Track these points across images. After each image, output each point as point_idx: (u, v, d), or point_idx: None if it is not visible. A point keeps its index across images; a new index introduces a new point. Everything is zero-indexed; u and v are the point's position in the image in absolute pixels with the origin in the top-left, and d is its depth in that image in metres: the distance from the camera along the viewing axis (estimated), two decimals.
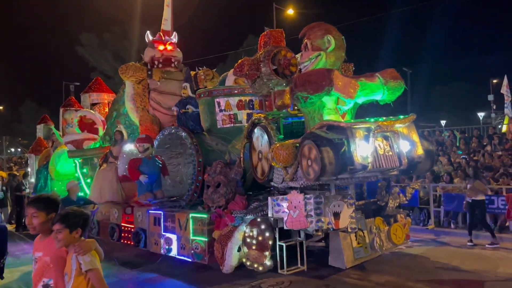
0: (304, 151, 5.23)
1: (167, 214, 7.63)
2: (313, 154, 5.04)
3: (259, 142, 6.69)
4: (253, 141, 6.92)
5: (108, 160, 9.20)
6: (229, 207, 7.03)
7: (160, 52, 9.74)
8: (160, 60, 9.70)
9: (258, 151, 6.72)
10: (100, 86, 13.12)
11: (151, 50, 9.80)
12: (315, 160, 5.01)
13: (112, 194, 8.78)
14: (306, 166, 5.23)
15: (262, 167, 6.62)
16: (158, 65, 9.69)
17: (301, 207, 6.03)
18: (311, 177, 5.14)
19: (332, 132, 5.04)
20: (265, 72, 6.43)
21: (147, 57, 9.80)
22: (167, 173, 8.03)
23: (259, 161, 6.72)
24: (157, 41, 9.86)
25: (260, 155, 6.66)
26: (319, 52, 5.75)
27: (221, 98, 8.56)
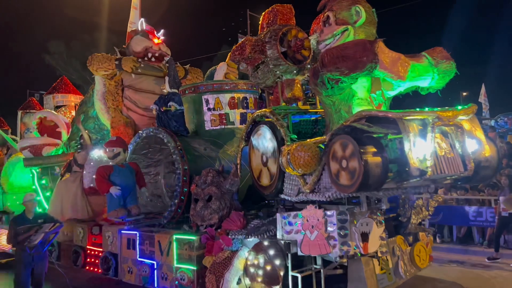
0: (337, 152, 3.82)
1: (144, 235, 6.05)
2: (351, 155, 3.63)
3: (263, 144, 5.24)
4: (253, 144, 5.45)
5: (72, 169, 7.54)
6: (223, 226, 5.54)
7: (156, 45, 8.22)
8: (155, 54, 8.20)
9: (262, 155, 5.26)
10: (66, 87, 11.44)
11: (145, 40, 8.27)
12: (354, 164, 3.60)
13: (76, 209, 7.12)
14: (339, 172, 3.81)
15: (268, 175, 5.16)
16: (151, 59, 8.17)
17: (321, 226, 4.62)
18: (348, 187, 3.72)
19: (377, 125, 3.64)
20: (272, 55, 5.03)
21: (138, 46, 8.23)
22: (144, 184, 6.46)
23: (262, 167, 5.26)
24: (152, 33, 8.35)
25: (265, 160, 5.19)
26: (346, 26, 4.38)
27: (209, 95, 7.11)
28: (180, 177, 6.21)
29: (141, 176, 6.43)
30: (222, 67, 7.62)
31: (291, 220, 4.85)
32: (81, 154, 7.56)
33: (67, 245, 7.28)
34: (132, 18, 10.74)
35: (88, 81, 26.36)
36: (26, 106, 11.21)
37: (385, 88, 4.28)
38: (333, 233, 4.59)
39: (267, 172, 5.23)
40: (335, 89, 4.14)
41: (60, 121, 8.73)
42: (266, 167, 5.24)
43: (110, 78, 8.23)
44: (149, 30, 8.42)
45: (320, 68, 4.07)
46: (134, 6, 10.81)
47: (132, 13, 10.60)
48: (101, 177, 6.34)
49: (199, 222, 5.73)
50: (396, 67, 3.83)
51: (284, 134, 4.77)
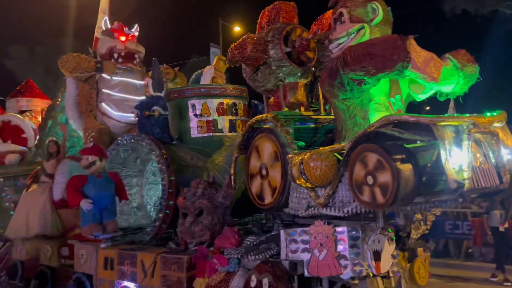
0: (362, 163, 3.35)
1: (125, 253, 5.36)
2: (381, 167, 3.18)
3: (263, 153, 4.72)
4: (251, 152, 4.93)
5: (40, 180, 6.72)
6: (216, 244, 4.95)
7: (122, 43, 7.49)
8: (121, 54, 7.47)
9: (261, 165, 4.74)
10: (32, 90, 10.53)
11: (109, 39, 7.55)
12: (385, 177, 3.15)
13: (44, 224, 6.32)
14: (364, 186, 3.34)
15: (268, 187, 4.64)
16: (118, 59, 7.45)
17: (331, 244, 4.14)
18: (376, 203, 3.26)
19: (408, 132, 3.21)
20: (275, 56, 4.57)
21: (103, 48, 7.53)
22: (125, 197, 5.78)
23: (262, 179, 4.73)
24: (118, 30, 7.63)
25: (264, 171, 4.67)
26: (361, 24, 3.96)
27: (196, 99, 6.53)
28: (166, 188, 5.59)
29: (122, 188, 5.74)
30: (209, 71, 7.10)
31: (297, 238, 4.34)
32: (51, 162, 6.77)
33: (32, 265, 6.44)
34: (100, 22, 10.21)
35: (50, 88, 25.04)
36: None
37: (414, 91, 3.88)
38: (344, 252, 4.11)
39: (267, 184, 4.70)
40: (355, 91, 3.69)
41: (26, 126, 7.89)
42: (266, 179, 4.72)
43: (84, 81, 7.49)
44: (116, 27, 7.73)
45: (341, 67, 3.62)
46: (102, 10, 10.28)
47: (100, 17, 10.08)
48: (72, 188, 5.62)
49: (189, 239, 5.12)
50: (429, 68, 3.44)
51: (290, 141, 4.28)
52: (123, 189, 5.74)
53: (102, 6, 10.59)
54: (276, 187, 4.52)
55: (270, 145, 4.62)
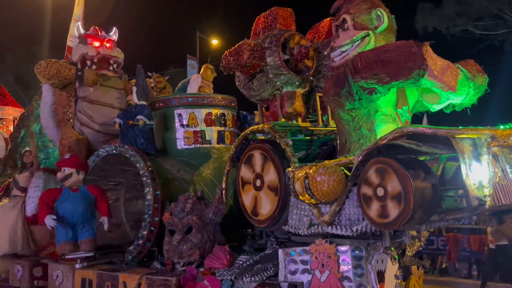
0: (373, 178, 3.05)
1: (105, 274, 4.87)
2: (394, 182, 2.88)
3: (257, 166, 4.37)
4: (243, 166, 4.57)
5: (11, 193, 6.12)
6: (206, 264, 4.55)
7: (95, 49, 6.97)
8: (94, 60, 6.93)
9: (255, 179, 4.38)
10: (4, 98, 9.85)
11: (82, 46, 7.02)
12: (399, 193, 2.85)
13: (15, 242, 5.75)
14: (375, 203, 3.03)
15: (263, 203, 4.28)
16: (91, 66, 6.94)
17: (333, 265, 3.84)
18: (389, 221, 2.95)
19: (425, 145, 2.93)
20: (273, 63, 4.27)
21: (76, 55, 7.01)
22: (106, 213, 5.23)
23: (256, 194, 4.37)
24: (92, 35, 7.11)
25: (258, 185, 4.32)
26: (367, 31, 3.71)
27: (183, 109, 6.16)
28: (151, 203, 5.15)
29: (104, 204, 5.21)
30: (196, 80, 6.73)
31: (296, 257, 4.00)
32: (24, 175, 6.21)
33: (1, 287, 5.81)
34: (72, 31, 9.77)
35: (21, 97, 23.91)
36: None
37: (428, 101, 3.64)
38: (347, 273, 3.80)
39: (261, 200, 4.35)
40: (363, 101, 3.42)
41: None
42: (261, 192, 4.36)
43: (61, 88, 6.96)
44: (91, 32, 7.22)
45: (350, 74, 3.33)
46: (76, 19, 9.82)
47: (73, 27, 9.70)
48: (42, 203, 5.14)
49: (176, 258, 4.69)
50: (446, 76, 3.21)
51: (290, 154, 3.95)
52: (105, 205, 5.22)
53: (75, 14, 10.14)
54: (273, 203, 4.17)
55: (265, 157, 4.28)
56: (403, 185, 2.89)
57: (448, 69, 3.31)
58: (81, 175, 5.33)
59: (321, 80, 4.63)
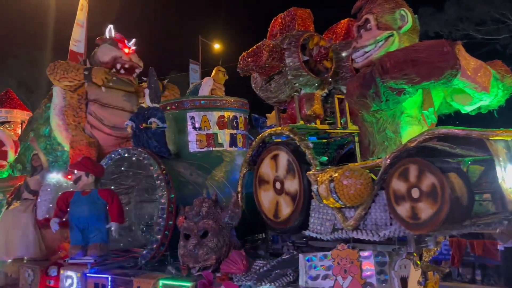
0: (405, 181, 2.92)
1: (119, 279, 4.73)
2: (430, 184, 2.75)
3: (276, 169, 4.24)
4: (260, 169, 4.44)
5: (22, 197, 5.99)
6: (223, 269, 4.40)
7: (126, 55, 6.90)
8: (125, 65, 6.89)
9: (274, 183, 4.25)
10: (11, 101, 9.73)
11: (113, 49, 6.94)
12: (433, 196, 2.72)
13: (27, 246, 5.60)
14: (406, 206, 2.90)
15: (283, 206, 4.15)
16: (120, 70, 6.86)
17: (356, 270, 3.69)
18: (423, 225, 2.82)
19: (458, 147, 2.80)
20: (292, 64, 4.15)
21: (105, 55, 6.90)
22: (117, 219, 5.05)
23: (276, 197, 4.24)
24: (122, 42, 7.05)
25: (279, 188, 4.18)
26: (391, 31, 3.59)
27: (195, 112, 6.03)
28: (165, 207, 5.01)
29: (113, 208, 5.03)
30: (207, 82, 6.61)
31: (317, 263, 3.85)
32: (34, 178, 6.07)
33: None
34: (76, 35, 9.76)
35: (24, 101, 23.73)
36: None
37: (459, 102, 3.52)
38: (371, 279, 3.66)
39: (280, 204, 4.21)
40: (390, 102, 3.30)
41: (7, 138, 7.13)
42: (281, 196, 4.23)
43: (73, 90, 6.85)
44: (119, 38, 7.16)
45: (379, 75, 3.21)
46: (79, 23, 9.88)
47: (76, 30, 9.74)
48: (56, 205, 5.12)
49: (192, 263, 4.55)
50: (479, 77, 3.09)
51: (311, 157, 3.82)
52: (115, 210, 5.04)
53: (78, 19, 10.10)
54: (292, 207, 4.03)
55: (284, 160, 4.15)
56: (440, 187, 2.76)
57: (481, 69, 3.19)
58: (91, 178, 5.19)
59: (339, 82, 4.51)
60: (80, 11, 10.51)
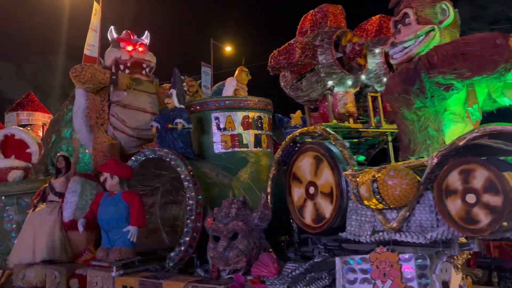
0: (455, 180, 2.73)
1: (147, 282, 4.60)
2: (488, 185, 2.58)
3: (310, 170, 4.08)
4: (293, 170, 4.29)
5: (47, 199, 5.91)
6: (254, 272, 4.26)
7: (128, 53, 6.75)
8: (127, 64, 6.73)
9: (307, 183, 4.10)
10: (33, 104, 9.73)
11: (115, 50, 6.82)
12: (492, 198, 2.55)
13: (53, 249, 5.51)
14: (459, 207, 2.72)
15: (316, 208, 3.99)
16: (124, 70, 6.73)
17: (396, 274, 3.52)
18: (478, 226, 2.64)
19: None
20: (325, 62, 4.00)
21: (109, 59, 6.82)
22: (136, 222, 4.82)
23: (308, 198, 4.08)
24: (125, 39, 6.90)
25: (312, 189, 4.02)
26: (431, 26, 3.41)
27: (220, 112, 5.91)
28: (193, 208, 4.88)
29: (133, 212, 4.83)
30: (231, 83, 6.47)
31: (355, 266, 3.69)
32: (59, 180, 5.98)
33: None
34: (90, 40, 9.81)
35: None
36: None
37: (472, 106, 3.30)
38: (411, 283, 3.48)
39: (315, 205, 4.06)
40: (435, 99, 3.13)
41: (31, 140, 7.06)
42: (314, 199, 4.07)
43: (96, 93, 6.76)
44: (123, 36, 7.01)
45: (425, 70, 3.04)
46: (93, 28, 9.96)
47: (90, 35, 9.78)
48: (90, 206, 5.07)
49: (222, 265, 4.42)
50: None
51: (348, 156, 3.66)
52: (135, 213, 4.83)
53: (93, 24, 10.12)
54: (328, 209, 3.87)
55: (318, 161, 3.99)
56: (498, 189, 2.58)
57: None
58: (115, 179, 5.06)
59: (372, 79, 4.34)
60: (94, 16, 10.51)
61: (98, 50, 10.47)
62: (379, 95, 4.34)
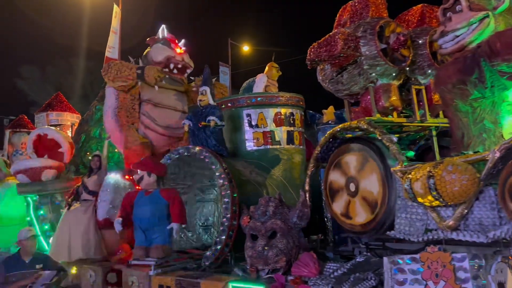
0: None
1: (184, 281, 4.50)
2: None
3: (352, 167, 3.90)
4: (332, 167, 4.11)
5: (81, 197, 5.87)
6: (294, 272, 4.09)
7: (179, 55, 6.69)
8: (178, 65, 6.66)
9: (348, 180, 3.92)
10: (62, 104, 9.76)
11: (166, 49, 6.68)
12: None
13: (88, 247, 5.48)
14: None
15: (358, 207, 3.80)
16: (173, 70, 6.66)
17: (449, 275, 3.33)
18: None
19: None
20: (368, 53, 3.81)
21: (159, 55, 6.63)
22: (178, 219, 4.79)
23: (351, 196, 3.90)
24: (175, 41, 6.84)
25: (353, 186, 3.84)
26: (485, 12, 3.19)
27: (251, 109, 5.76)
28: (229, 206, 4.76)
29: (175, 209, 4.79)
30: (261, 79, 6.33)
31: (404, 266, 3.49)
32: (92, 179, 5.95)
33: None
34: (111, 42, 9.85)
35: None
36: (16, 124, 9.37)
37: None
38: (466, 284, 3.28)
39: (357, 203, 3.87)
40: (495, 89, 2.91)
41: (63, 140, 7.05)
42: (356, 197, 3.89)
43: (127, 91, 6.70)
44: (171, 38, 6.95)
45: (487, 58, 2.83)
46: (114, 31, 9.97)
47: (111, 38, 9.84)
48: (121, 205, 4.98)
49: (261, 265, 4.26)
50: None
51: (396, 152, 3.46)
52: (177, 211, 4.79)
53: (113, 26, 10.20)
54: (373, 207, 3.68)
55: (361, 156, 3.81)
56: None
57: None
58: (152, 177, 4.99)
59: (416, 71, 4.13)
60: (114, 18, 10.56)
61: (118, 52, 10.57)
62: (423, 88, 4.13)
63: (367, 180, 3.77)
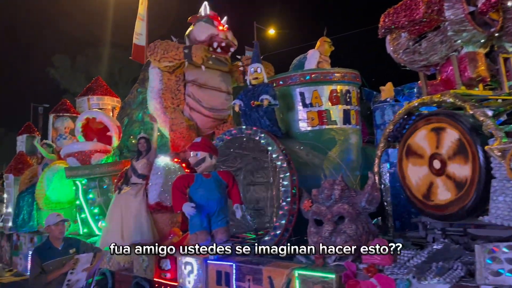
0: None
1: (245, 267, 4.21)
2: None
3: (437, 145, 3.47)
4: (413, 140, 3.69)
5: (130, 181, 5.67)
6: (365, 260, 3.73)
7: (223, 33, 6.29)
8: (222, 44, 6.27)
9: (432, 159, 3.49)
10: (102, 88, 9.64)
11: (210, 27, 6.28)
12: None
13: (141, 231, 5.29)
14: None
15: (441, 189, 3.38)
16: (217, 49, 6.28)
17: None
18: None
19: None
20: (453, 17, 3.32)
21: (202, 34, 6.26)
22: (238, 200, 4.53)
23: (432, 176, 3.48)
24: (216, 17, 6.43)
25: (439, 167, 3.41)
26: None
27: (305, 87, 5.35)
28: (289, 189, 4.43)
29: (235, 190, 4.54)
30: (313, 55, 5.90)
31: (499, 255, 3.07)
32: (142, 162, 5.72)
33: (125, 277, 5.41)
34: (138, 29, 9.76)
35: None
36: (59, 109, 9.33)
37: None
38: None
39: (438, 186, 3.45)
40: None
41: (112, 124, 6.88)
42: (438, 178, 3.47)
43: (171, 72, 6.42)
44: (213, 15, 6.55)
45: None
46: (140, 17, 9.90)
47: (138, 24, 9.74)
48: (176, 190, 4.50)
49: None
50: None
51: (493, 127, 3.01)
52: (236, 192, 4.54)
53: (140, 12, 9.97)
54: (459, 191, 3.26)
55: (452, 135, 3.36)
56: None
57: None
58: (214, 159, 4.62)
59: (504, 38, 3.61)
60: (141, 5, 10.30)
61: (146, 39, 10.33)
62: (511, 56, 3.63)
63: (456, 162, 3.33)
